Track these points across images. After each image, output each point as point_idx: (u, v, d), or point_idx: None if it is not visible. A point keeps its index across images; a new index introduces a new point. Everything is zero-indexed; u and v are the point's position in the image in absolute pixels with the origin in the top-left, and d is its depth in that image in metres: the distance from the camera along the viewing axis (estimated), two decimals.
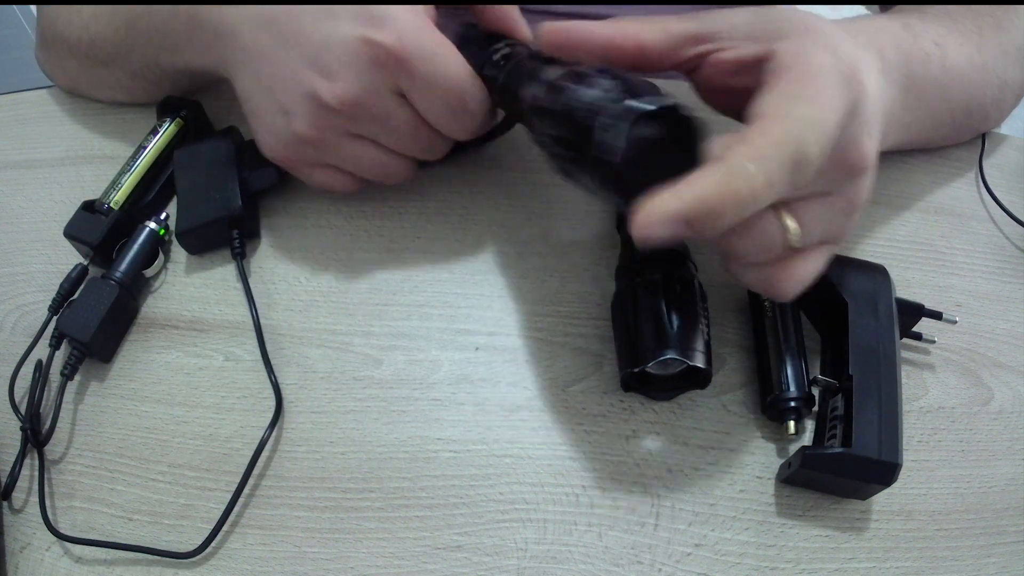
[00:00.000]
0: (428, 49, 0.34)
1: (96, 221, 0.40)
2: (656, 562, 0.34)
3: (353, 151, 0.38)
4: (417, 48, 0.33)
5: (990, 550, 0.35)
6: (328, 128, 0.36)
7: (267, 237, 0.43)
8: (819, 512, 0.35)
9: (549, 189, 0.45)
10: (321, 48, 0.34)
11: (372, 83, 0.34)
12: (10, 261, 0.43)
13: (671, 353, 0.34)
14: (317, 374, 0.39)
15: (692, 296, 0.35)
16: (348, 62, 0.34)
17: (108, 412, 0.38)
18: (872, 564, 0.34)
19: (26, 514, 0.35)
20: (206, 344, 0.40)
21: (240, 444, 0.37)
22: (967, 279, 0.43)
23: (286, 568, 0.34)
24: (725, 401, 0.38)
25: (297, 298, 0.41)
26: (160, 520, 0.35)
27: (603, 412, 0.37)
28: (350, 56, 0.34)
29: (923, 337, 0.39)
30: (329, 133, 0.37)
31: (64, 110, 0.50)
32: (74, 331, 0.37)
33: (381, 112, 0.35)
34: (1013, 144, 0.49)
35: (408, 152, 0.38)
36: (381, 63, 0.34)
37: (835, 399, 0.35)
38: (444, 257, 0.42)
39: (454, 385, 0.38)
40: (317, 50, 0.34)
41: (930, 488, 0.36)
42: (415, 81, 0.34)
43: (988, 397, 0.39)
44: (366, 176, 0.40)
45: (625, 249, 0.39)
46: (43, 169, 0.47)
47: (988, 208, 0.46)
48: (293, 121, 0.36)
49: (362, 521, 0.35)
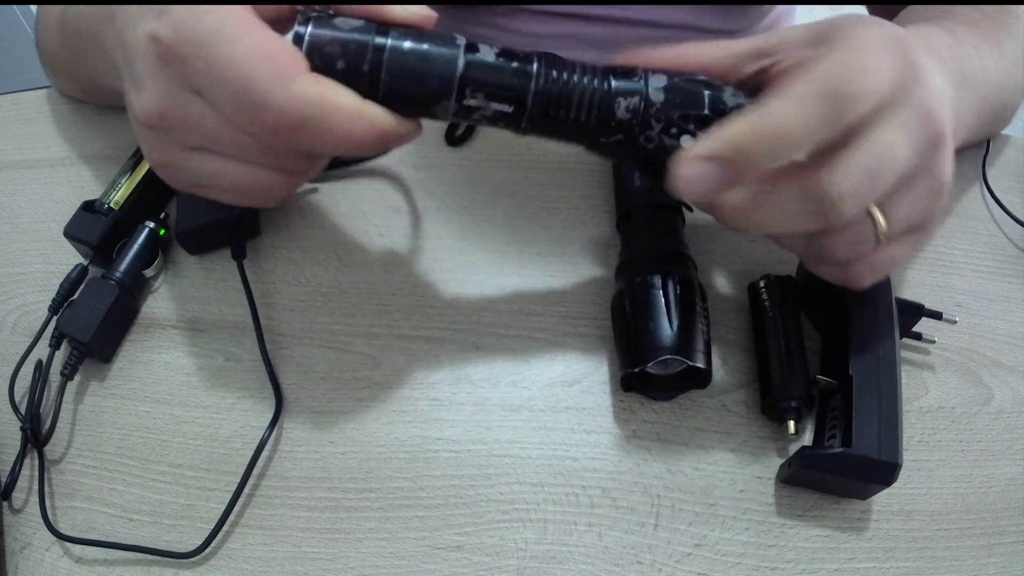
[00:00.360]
0: (205, 34, 0.27)
1: (96, 221, 0.40)
2: (656, 562, 0.34)
3: (200, 166, 0.31)
4: (192, 35, 0.27)
5: (990, 550, 0.35)
6: (164, 148, 0.31)
7: (267, 237, 0.43)
8: (819, 512, 0.35)
9: (549, 189, 0.45)
10: (130, 54, 0.30)
11: (166, 86, 0.29)
12: (10, 261, 0.43)
13: (671, 353, 0.34)
14: (317, 374, 0.39)
15: (692, 296, 0.35)
16: (144, 66, 0.29)
17: (108, 412, 0.38)
18: (872, 564, 0.34)
19: (26, 514, 0.35)
20: (206, 344, 0.40)
21: (240, 444, 0.37)
22: (967, 279, 0.43)
23: (286, 568, 0.34)
24: (725, 401, 0.38)
25: (297, 298, 0.41)
26: (160, 520, 0.35)
27: (603, 412, 0.37)
28: (144, 57, 0.29)
29: (923, 337, 0.39)
30: (170, 154, 0.31)
31: (64, 110, 0.50)
32: (74, 331, 0.37)
33: (189, 118, 0.29)
34: (1014, 144, 0.49)
35: (253, 159, 0.30)
36: (165, 60, 0.28)
37: (835, 399, 0.35)
38: (444, 257, 0.42)
39: (454, 385, 0.38)
40: (129, 57, 0.30)
41: (930, 488, 0.36)
42: (195, 76, 0.28)
43: (988, 397, 0.39)
44: (233, 195, 0.32)
45: (625, 249, 0.39)
46: (43, 169, 0.47)
47: (989, 208, 0.46)
48: (143, 147, 0.32)
49: (362, 521, 0.35)
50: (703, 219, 0.42)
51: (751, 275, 0.40)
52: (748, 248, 0.42)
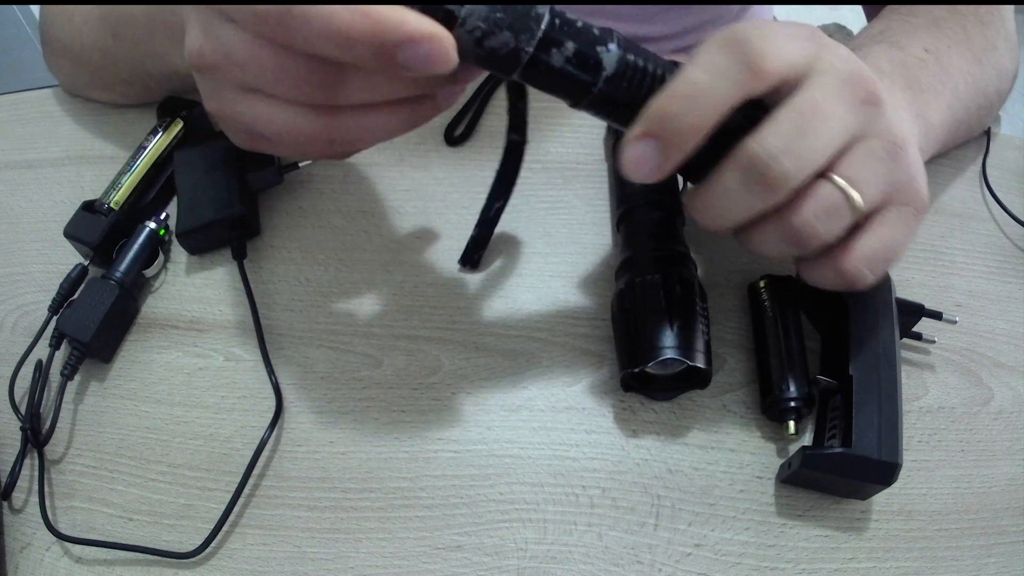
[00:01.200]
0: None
1: (96, 221, 0.40)
2: (656, 562, 0.34)
3: (250, 110, 0.30)
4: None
5: (990, 550, 0.35)
6: (216, 94, 0.31)
7: (267, 237, 0.43)
8: (819, 512, 0.35)
9: (549, 189, 0.45)
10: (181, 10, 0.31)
11: (204, 20, 0.29)
12: (10, 261, 0.43)
13: (671, 353, 0.34)
14: (317, 374, 0.39)
15: (692, 296, 0.35)
16: (187, 11, 0.29)
17: (108, 412, 0.38)
18: (872, 564, 0.34)
19: (26, 514, 0.35)
20: (206, 344, 0.40)
21: (240, 444, 0.37)
22: (967, 279, 0.43)
23: (286, 568, 0.34)
24: (725, 401, 0.38)
25: (297, 298, 0.41)
26: (160, 520, 0.35)
27: (603, 412, 0.37)
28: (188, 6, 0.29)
29: (923, 337, 0.39)
30: (223, 100, 0.31)
31: (64, 110, 0.50)
32: (74, 331, 0.37)
33: (225, 49, 0.29)
34: (1013, 144, 0.49)
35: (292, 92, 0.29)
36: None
37: (835, 399, 0.35)
38: (444, 257, 0.42)
39: (454, 385, 0.38)
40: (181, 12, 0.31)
41: (930, 488, 0.36)
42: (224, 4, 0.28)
43: (988, 397, 0.39)
44: (287, 144, 0.31)
45: (625, 249, 0.39)
46: (43, 169, 0.47)
47: (989, 208, 0.46)
48: (203, 99, 0.32)
49: (362, 521, 0.35)
50: None
51: (751, 275, 0.40)
52: None
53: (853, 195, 0.29)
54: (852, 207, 0.29)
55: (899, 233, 0.31)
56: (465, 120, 0.47)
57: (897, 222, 0.31)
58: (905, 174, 0.31)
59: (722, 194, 0.29)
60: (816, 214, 0.29)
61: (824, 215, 0.29)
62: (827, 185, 0.29)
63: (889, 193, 0.30)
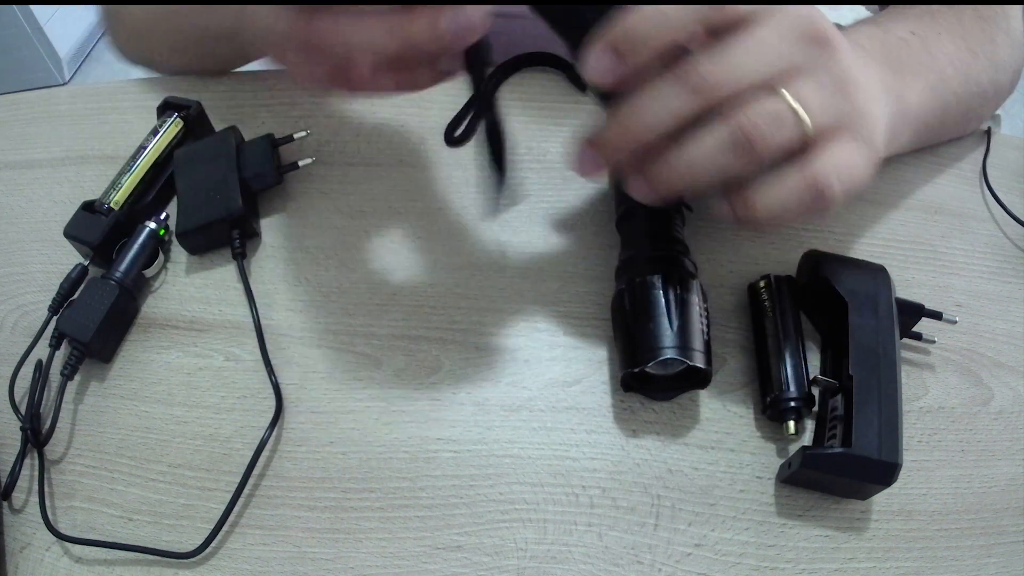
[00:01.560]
0: None
1: (96, 221, 0.40)
2: (656, 562, 0.34)
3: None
4: None
5: (990, 550, 0.35)
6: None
7: (267, 237, 0.43)
8: (819, 512, 0.35)
9: (549, 189, 0.45)
10: None
11: None
12: (10, 261, 0.43)
13: (671, 353, 0.34)
14: (317, 374, 0.39)
15: (692, 296, 0.35)
16: None
17: (108, 412, 0.38)
18: (872, 564, 0.34)
19: (26, 514, 0.35)
20: (206, 344, 0.40)
21: (240, 444, 0.37)
22: (967, 279, 0.43)
23: (286, 568, 0.34)
24: (725, 401, 0.38)
25: (297, 298, 0.41)
26: (160, 520, 0.35)
27: (603, 412, 0.37)
28: None
29: (923, 337, 0.39)
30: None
31: (64, 110, 0.50)
32: (74, 331, 0.37)
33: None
34: (1013, 144, 0.49)
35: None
36: None
37: (835, 399, 0.35)
38: (444, 257, 0.42)
39: (454, 385, 0.38)
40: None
41: (930, 488, 0.36)
42: None
43: (988, 397, 0.39)
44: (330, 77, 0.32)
45: (625, 249, 0.39)
46: (43, 169, 0.47)
47: (989, 208, 0.46)
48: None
49: (362, 521, 0.35)
50: (703, 219, 0.42)
51: (751, 275, 0.40)
52: (748, 248, 0.42)
53: (798, 109, 0.29)
54: (799, 121, 0.29)
55: (855, 159, 0.31)
56: (465, 120, 0.47)
57: (852, 149, 0.31)
58: (856, 111, 0.31)
59: (651, 95, 0.29)
60: (762, 117, 0.29)
61: (772, 120, 0.29)
62: (774, 97, 0.29)
63: (840, 122, 0.30)
